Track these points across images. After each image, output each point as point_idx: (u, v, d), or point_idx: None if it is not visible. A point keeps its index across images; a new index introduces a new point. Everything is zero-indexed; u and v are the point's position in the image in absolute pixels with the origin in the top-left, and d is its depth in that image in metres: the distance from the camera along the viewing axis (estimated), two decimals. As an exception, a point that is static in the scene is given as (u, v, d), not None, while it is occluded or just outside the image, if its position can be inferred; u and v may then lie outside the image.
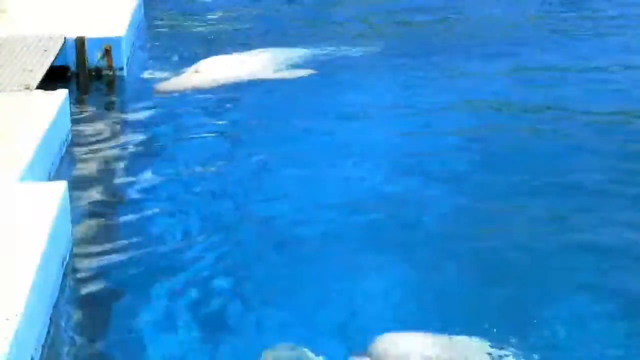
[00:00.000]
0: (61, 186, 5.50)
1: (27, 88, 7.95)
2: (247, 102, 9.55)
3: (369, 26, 14.67)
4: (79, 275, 5.58)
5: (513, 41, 12.91)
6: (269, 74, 10.31)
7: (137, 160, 7.81)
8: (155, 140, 8.49)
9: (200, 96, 9.49)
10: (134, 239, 6.20)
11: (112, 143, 8.26)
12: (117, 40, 10.10)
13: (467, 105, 10.11)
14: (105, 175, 7.45)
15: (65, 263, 5.36)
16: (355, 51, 12.07)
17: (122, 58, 10.11)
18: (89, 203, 6.70)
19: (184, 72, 10.00)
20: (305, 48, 11.92)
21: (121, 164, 7.73)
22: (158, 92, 9.42)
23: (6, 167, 5.84)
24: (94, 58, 9.96)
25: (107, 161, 7.76)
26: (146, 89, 9.92)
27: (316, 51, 11.79)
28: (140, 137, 8.43)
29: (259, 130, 8.89)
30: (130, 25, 11.11)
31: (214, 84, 9.73)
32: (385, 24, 14.20)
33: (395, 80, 10.89)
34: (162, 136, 8.61)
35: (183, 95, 9.45)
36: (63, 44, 9.71)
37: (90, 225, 6.32)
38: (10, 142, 6.31)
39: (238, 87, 9.79)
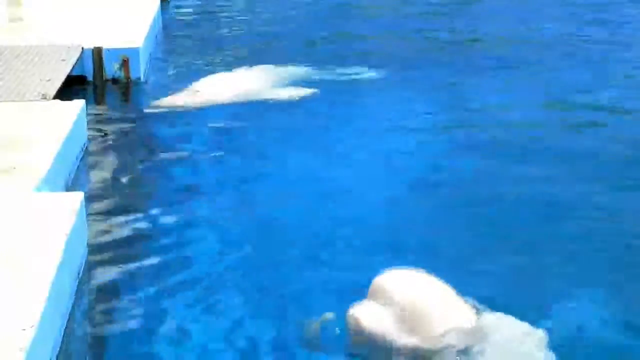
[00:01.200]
0: (78, 197, 5.50)
1: (45, 98, 7.97)
2: (248, 120, 9.46)
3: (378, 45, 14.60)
4: (93, 285, 5.57)
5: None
6: (271, 92, 10.24)
7: (152, 171, 7.84)
8: (170, 150, 8.48)
9: (207, 113, 9.46)
10: (150, 249, 6.20)
11: (127, 153, 8.28)
12: (134, 52, 10.13)
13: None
14: (120, 185, 7.46)
15: (80, 273, 5.36)
16: (361, 70, 11.86)
17: (139, 69, 10.13)
18: (105, 213, 6.69)
19: (187, 89, 9.96)
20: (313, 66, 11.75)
21: (136, 174, 7.75)
22: (159, 106, 9.36)
23: (23, 177, 5.85)
24: (112, 68, 9.99)
25: (122, 171, 7.76)
26: (158, 95, 9.95)
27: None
28: (155, 148, 8.45)
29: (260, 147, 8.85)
30: (148, 36, 11.13)
31: (216, 102, 9.69)
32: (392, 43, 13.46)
33: (401, 97, 10.88)
34: (177, 148, 8.56)
35: (189, 111, 9.40)
36: (81, 54, 9.73)
37: (105, 235, 6.31)
38: (28, 152, 6.31)
39: (239, 105, 9.75)
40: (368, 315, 4.09)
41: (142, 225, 6.66)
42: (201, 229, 6.71)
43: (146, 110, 9.61)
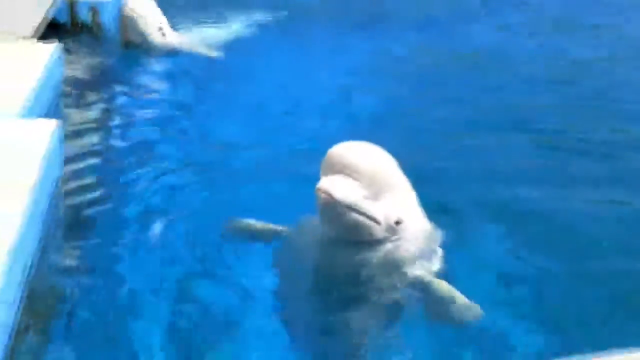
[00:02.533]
0: (54, 123, 5.46)
1: (26, 38, 7.96)
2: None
3: None
4: (66, 194, 5.55)
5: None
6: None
7: (113, 99, 8.06)
8: (127, 82, 8.75)
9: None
10: (114, 168, 6.37)
11: (97, 84, 8.53)
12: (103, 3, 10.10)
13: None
14: (90, 110, 7.62)
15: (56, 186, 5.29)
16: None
17: (107, 14, 10.11)
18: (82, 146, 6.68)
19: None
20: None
21: (102, 102, 7.93)
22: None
23: (8, 107, 5.81)
24: (84, 16, 9.98)
25: (92, 98, 7.97)
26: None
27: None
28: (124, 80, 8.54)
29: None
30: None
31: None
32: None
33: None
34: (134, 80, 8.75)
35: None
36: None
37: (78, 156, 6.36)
38: (11, 83, 6.30)
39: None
40: (340, 187, 3.89)
41: (109, 145, 6.82)
42: (161, 155, 6.76)
43: (113, 52, 9.71)
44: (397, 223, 4.10)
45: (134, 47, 9.50)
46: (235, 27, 10.67)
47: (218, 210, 5.47)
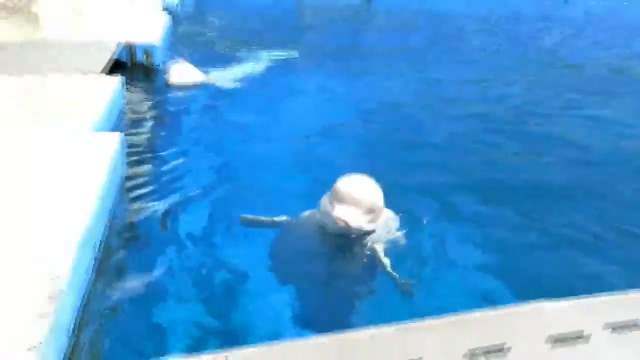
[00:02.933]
0: (118, 136, 5.50)
1: (97, 73, 7.99)
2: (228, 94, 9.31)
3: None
4: (127, 200, 5.49)
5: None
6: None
7: (166, 123, 7.80)
8: (174, 108, 8.57)
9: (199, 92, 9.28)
10: (166, 176, 6.16)
11: (150, 108, 8.36)
12: (154, 46, 10.13)
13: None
14: (145, 129, 7.47)
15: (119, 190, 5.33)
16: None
17: (157, 57, 10.14)
18: (139, 154, 6.62)
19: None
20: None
21: (155, 124, 7.73)
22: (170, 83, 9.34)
23: (84, 124, 5.86)
24: (140, 57, 10.03)
25: (147, 121, 7.82)
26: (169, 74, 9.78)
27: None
28: (166, 107, 8.52)
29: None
30: (163, 35, 11.09)
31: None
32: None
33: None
34: (179, 108, 8.60)
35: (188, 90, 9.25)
36: (119, 46, 9.73)
37: (138, 164, 6.32)
38: (87, 107, 6.33)
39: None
40: (348, 214, 4.11)
41: (156, 156, 6.72)
42: (194, 166, 6.54)
43: (160, 85, 9.56)
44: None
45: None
46: (253, 65, 10.67)
47: (237, 209, 5.29)
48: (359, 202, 4.15)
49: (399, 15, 18.74)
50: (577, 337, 2.83)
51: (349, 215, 4.12)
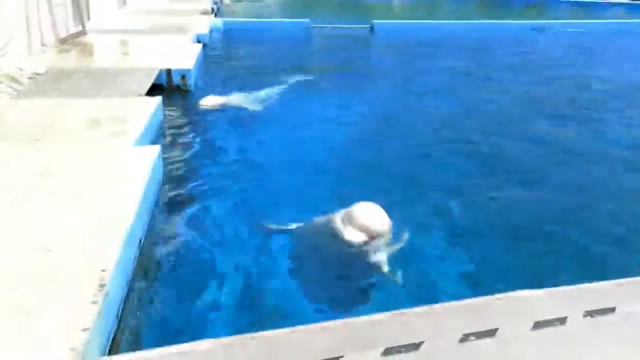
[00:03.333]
0: (157, 148, 5.52)
1: (140, 95, 8.01)
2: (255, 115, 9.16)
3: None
4: (165, 205, 5.46)
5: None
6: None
7: (200, 139, 7.69)
8: (208, 126, 8.52)
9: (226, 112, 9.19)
10: (203, 185, 6.11)
11: (185, 124, 8.34)
12: (189, 71, 10.14)
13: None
14: (182, 144, 7.43)
15: (157, 194, 5.32)
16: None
17: (191, 80, 10.15)
18: (175, 164, 6.62)
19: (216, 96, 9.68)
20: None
21: (191, 139, 7.67)
22: (202, 105, 9.32)
23: (127, 137, 5.90)
24: (178, 80, 10.05)
25: (183, 136, 7.79)
26: (202, 96, 9.74)
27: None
28: (200, 125, 8.48)
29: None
30: (196, 62, 11.11)
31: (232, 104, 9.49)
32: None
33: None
34: (212, 125, 8.57)
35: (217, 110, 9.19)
36: (159, 72, 9.76)
37: (174, 172, 6.34)
38: (130, 124, 6.36)
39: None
40: (356, 236, 4.12)
41: (190, 165, 6.70)
42: (231, 174, 6.54)
43: (194, 105, 9.51)
44: None
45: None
46: (272, 87, 10.61)
47: (261, 211, 5.44)
48: (372, 230, 4.15)
49: (396, 43, 18.78)
50: (558, 322, 2.78)
51: (359, 239, 4.14)
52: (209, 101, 9.37)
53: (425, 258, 4.77)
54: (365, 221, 4.16)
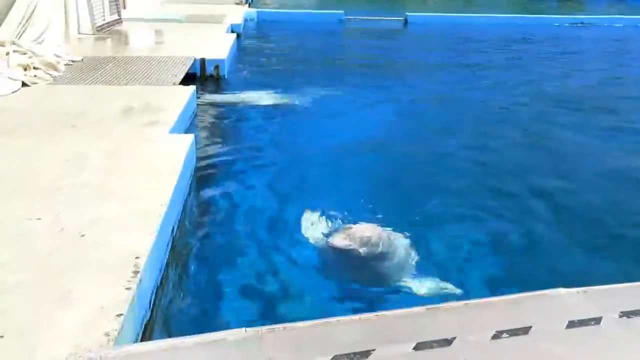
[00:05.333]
0: (190, 137, 5.55)
1: (174, 84, 8.06)
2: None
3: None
4: (198, 188, 5.55)
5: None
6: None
7: (231, 125, 7.83)
8: (239, 113, 8.60)
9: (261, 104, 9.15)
10: (232, 172, 6.22)
11: (218, 115, 8.39)
12: (222, 60, 10.18)
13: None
14: (214, 132, 7.50)
15: (190, 178, 5.36)
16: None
17: (225, 70, 10.19)
18: (206, 146, 6.70)
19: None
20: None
21: (223, 126, 7.78)
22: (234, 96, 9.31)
23: (163, 126, 5.94)
24: (211, 70, 10.10)
25: (216, 124, 7.91)
26: (235, 87, 9.85)
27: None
28: (231, 113, 8.52)
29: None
30: (229, 53, 11.15)
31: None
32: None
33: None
34: (243, 113, 8.63)
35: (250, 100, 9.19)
36: (193, 61, 9.81)
37: (205, 159, 6.37)
38: (165, 112, 6.40)
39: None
40: (336, 239, 4.17)
41: (227, 152, 6.76)
42: (261, 162, 6.61)
43: (227, 92, 9.57)
44: None
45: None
46: (304, 80, 10.53)
47: (289, 199, 5.53)
48: (359, 237, 4.20)
49: (429, 36, 18.62)
50: (592, 322, 2.73)
51: (339, 243, 4.18)
52: (242, 93, 9.42)
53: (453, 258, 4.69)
54: (349, 228, 4.26)
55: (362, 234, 4.25)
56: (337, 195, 5.71)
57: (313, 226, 4.78)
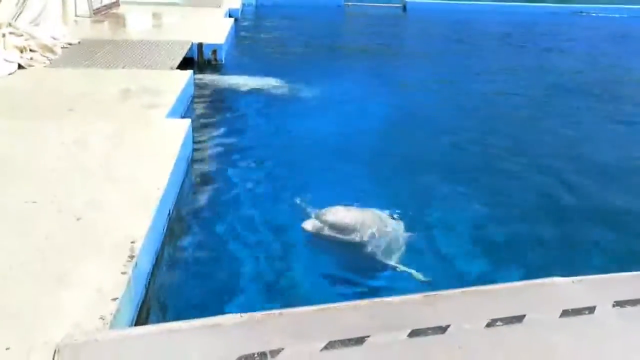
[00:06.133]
0: (187, 122, 5.53)
1: (171, 68, 8.02)
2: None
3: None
4: (195, 168, 5.58)
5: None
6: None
7: (227, 107, 7.86)
8: (234, 96, 8.64)
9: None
10: (228, 154, 6.20)
11: (215, 98, 8.41)
12: (220, 45, 10.13)
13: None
14: (211, 114, 7.51)
15: (188, 162, 5.38)
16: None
17: (222, 55, 10.14)
18: (203, 138, 6.66)
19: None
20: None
21: (220, 108, 7.79)
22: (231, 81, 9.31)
23: (160, 110, 5.92)
24: (209, 55, 10.05)
25: (212, 107, 7.90)
26: (233, 72, 9.82)
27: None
28: (228, 96, 8.52)
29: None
30: (227, 38, 11.10)
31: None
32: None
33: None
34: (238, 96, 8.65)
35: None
36: (191, 46, 9.76)
37: (202, 143, 6.38)
38: (162, 96, 6.37)
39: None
40: (308, 223, 4.21)
41: (223, 137, 6.74)
42: (258, 147, 6.63)
43: (224, 75, 9.56)
44: None
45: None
46: (301, 66, 10.51)
47: (285, 184, 5.53)
48: (324, 219, 4.20)
49: (428, 23, 18.54)
50: (586, 311, 2.74)
51: (309, 227, 4.22)
52: (239, 78, 9.39)
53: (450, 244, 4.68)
54: (321, 212, 4.26)
55: (356, 218, 4.24)
56: (333, 178, 5.72)
57: (308, 210, 4.78)
